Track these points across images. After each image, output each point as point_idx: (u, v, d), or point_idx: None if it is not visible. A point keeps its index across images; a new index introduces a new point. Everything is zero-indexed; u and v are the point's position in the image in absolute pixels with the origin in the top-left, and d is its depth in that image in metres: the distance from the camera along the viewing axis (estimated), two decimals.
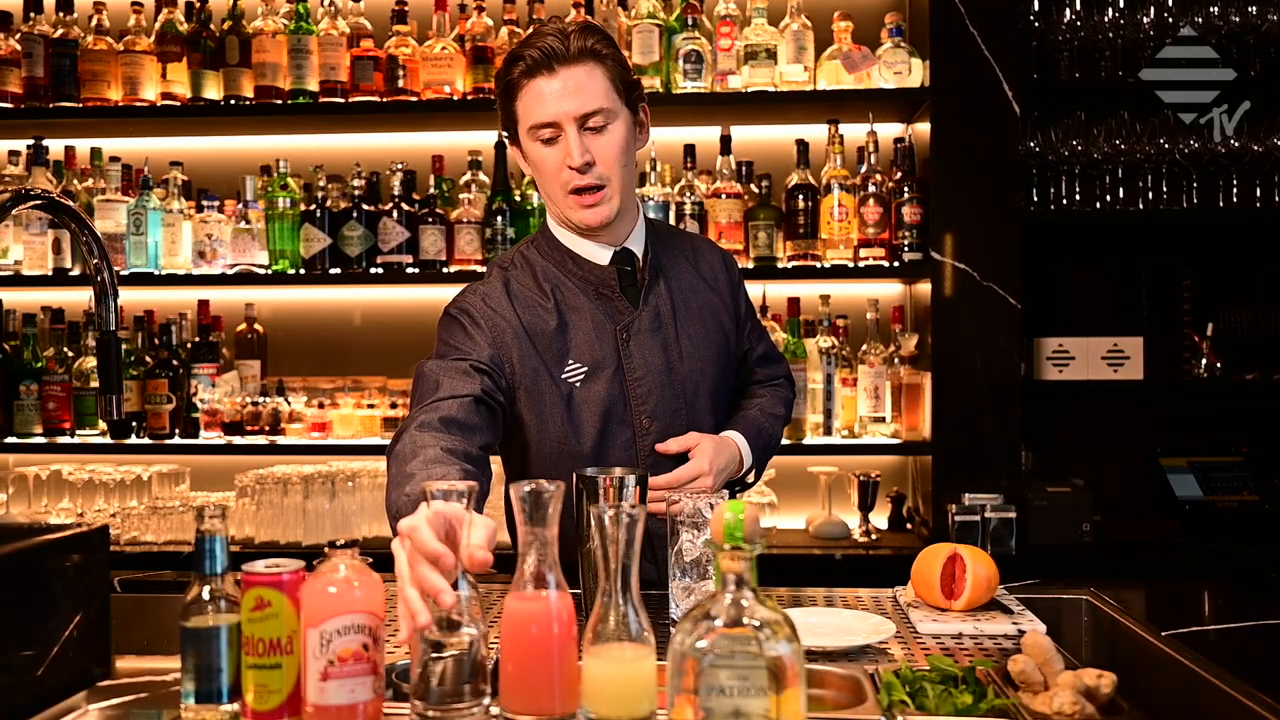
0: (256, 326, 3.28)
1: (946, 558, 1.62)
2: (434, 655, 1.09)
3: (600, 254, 1.81)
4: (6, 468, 3.33)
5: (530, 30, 2.16)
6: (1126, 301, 3.16)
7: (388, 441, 3.17)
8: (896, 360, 3.08)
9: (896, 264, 3.00)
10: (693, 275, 1.91)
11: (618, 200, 1.74)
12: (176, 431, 3.15)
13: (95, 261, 1.60)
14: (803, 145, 3.06)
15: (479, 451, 1.56)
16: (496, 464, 1.96)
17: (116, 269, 2.08)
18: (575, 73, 1.67)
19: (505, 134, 1.81)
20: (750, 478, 1.94)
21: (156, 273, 3.13)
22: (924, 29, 2.98)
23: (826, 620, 1.57)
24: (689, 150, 3.09)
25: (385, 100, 3.07)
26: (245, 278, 3.12)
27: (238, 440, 3.11)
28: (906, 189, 2.99)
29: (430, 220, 3.08)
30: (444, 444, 1.48)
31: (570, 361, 1.76)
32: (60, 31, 3.15)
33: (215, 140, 3.42)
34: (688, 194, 3.04)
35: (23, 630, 1.23)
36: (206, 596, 1.13)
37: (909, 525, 3.15)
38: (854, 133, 3.13)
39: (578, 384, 1.76)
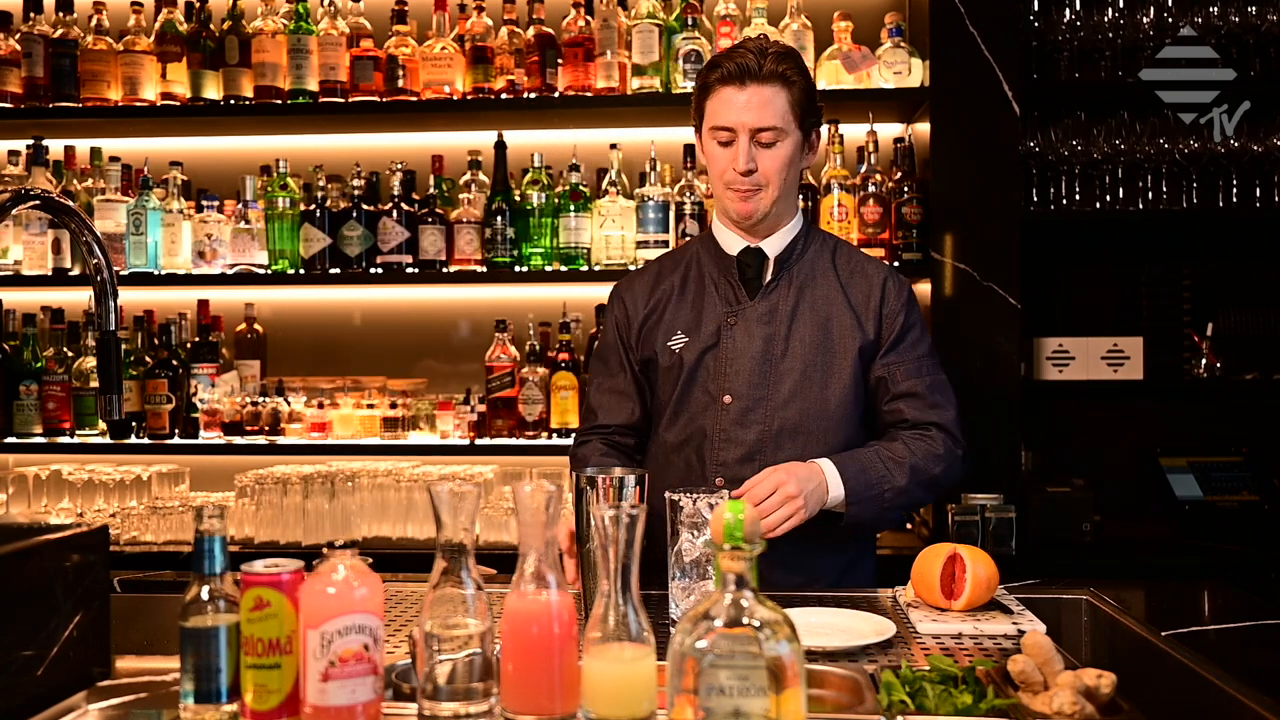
0: (256, 326, 3.28)
1: (946, 558, 1.62)
2: (442, 654, 1.09)
3: (733, 244, 2.01)
4: (6, 468, 3.33)
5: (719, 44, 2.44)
6: (1126, 301, 3.15)
7: (387, 442, 3.17)
8: None
9: (896, 264, 3.00)
10: (834, 289, 1.98)
11: (769, 203, 1.94)
12: (176, 431, 3.15)
13: (95, 261, 1.60)
14: None
15: (637, 453, 2.08)
16: None
17: (116, 269, 2.08)
18: (762, 91, 1.87)
19: (695, 124, 2.01)
20: (842, 508, 1.83)
21: (156, 273, 3.13)
22: (924, 29, 2.98)
23: (826, 620, 1.57)
24: (689, 150, 3.08)
25: (385, 100, 3.07)
26: (245, 278, 3.12)
27: (237, 440, 3.11)
28: (906, 189, 2.99)
29: (430, 220, 3.08)
30: (610, 460, 1.99)
31: (678, 332, 1.99)
32: (60, 31, 3.15)
33: (215, 140, 3.41)
34: (687, 194, 3.04)
35: (23, 630, 1.23)
36: (206, 596, 1.13)
37: (909, 525, 3.15)
38: (854, 133, 3.13)
39: (676, 349, 1.98)
